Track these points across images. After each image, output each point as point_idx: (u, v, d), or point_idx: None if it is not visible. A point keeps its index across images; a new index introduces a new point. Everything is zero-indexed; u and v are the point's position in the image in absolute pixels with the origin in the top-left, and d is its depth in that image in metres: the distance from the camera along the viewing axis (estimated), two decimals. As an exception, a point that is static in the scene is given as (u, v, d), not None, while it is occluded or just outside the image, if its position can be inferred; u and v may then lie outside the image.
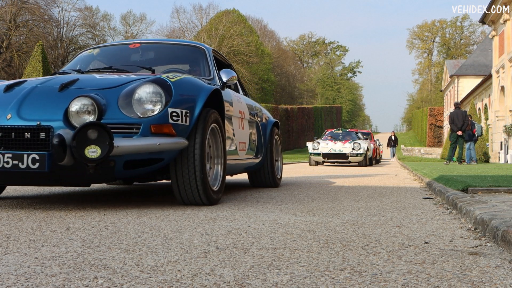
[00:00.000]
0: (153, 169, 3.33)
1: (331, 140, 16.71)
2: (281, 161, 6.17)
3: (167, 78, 3.34)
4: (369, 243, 2.15)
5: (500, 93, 23.05)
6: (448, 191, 4.13)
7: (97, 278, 1.52)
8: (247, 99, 5.30)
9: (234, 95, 4.65)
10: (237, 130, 4.54)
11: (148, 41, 4.80)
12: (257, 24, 59.32)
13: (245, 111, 4.89)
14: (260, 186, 5.64)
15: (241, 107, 4.76)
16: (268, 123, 5.75)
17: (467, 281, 1.51)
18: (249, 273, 1.60)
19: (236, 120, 4.54)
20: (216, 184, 3.75)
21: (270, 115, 6.07)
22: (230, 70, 4.39)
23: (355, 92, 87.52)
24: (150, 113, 3.16)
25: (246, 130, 4.86)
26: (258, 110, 5.48)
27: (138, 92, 3.19)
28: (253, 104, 5.44)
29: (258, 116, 5.44)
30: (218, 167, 3.85)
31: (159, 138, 3.15)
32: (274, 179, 5.62)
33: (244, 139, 4.75)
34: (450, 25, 73.77)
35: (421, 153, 36.35)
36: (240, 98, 4.85)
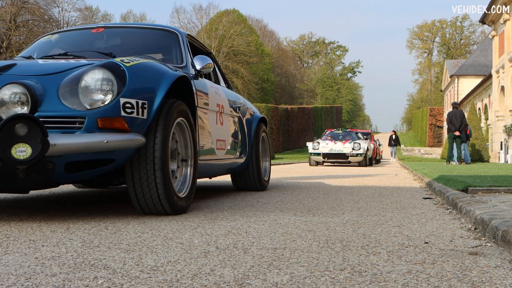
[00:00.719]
0: (103, 171, 2.82)
1: (331, 140, 16.71)
2: (269, 161, 5.63)
3: (121, 63, 2.83)
4: (369, 243, 2.15)
5: (500, 93, 23.05)
6: (448, 191, 4.13)
7: (97, 278, 1.52)
8: (228, 91, 4.74)
9: (211, 86, 4.06)
10: (215, 126, 3.97)
11: (114, 25, 4.24)
12: (257, 24, 59.33)
13: (225, 105, 4.31)
14: (244, 189, 5.14)
15: (220, 99, 4.18)
16: (253, 119, 5.19)
17: (467, 281, 1.51)
18: (249, 273, 1.60)
19: (213, 115, 3.96)
20: (184, 190, 3.21)
21: (256, 110, 5.52)
22: (205, 56, 3.79)
23: (355, 92, 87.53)
24: (99, 104, 2.65)
25: (226, 126, 4.30)
26: (241, 104, 4.92)
27: (85, 79, 2.66)
28: (236, 98, 4.89)
29: (242, 110, 4.90)
30: (187, 169, 3.30)
31: (107, 135, 2.64)
32: (261, 181, 5.10)
33: (223, 137, 4.20)
34: (450, 25, 73.79)
35: (421, 153, 36.35)
36: (218, 89, 4.27)
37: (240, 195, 4.62)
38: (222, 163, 4.27)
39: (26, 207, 3.44)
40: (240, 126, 4.82)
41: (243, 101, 5.15)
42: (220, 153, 4.13)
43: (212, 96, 3.94)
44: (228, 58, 44.31)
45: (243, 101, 5.15)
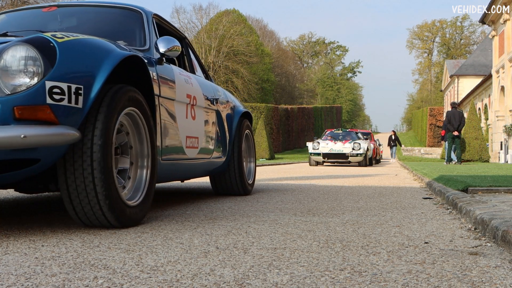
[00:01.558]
0: (26, 174, 2.30)
1: (331, 140, 16.71)
2: (254, 162, 5.06)
3: (52, 38, 2.32)
4: (369, 243, 2.15)
5: (500, 93, 23.05)
6: (448, 191, 4.13)
7: (97, 278, 1.52)
8: (204, 81, 4.16)
9: (180, 73, 3.51)
10: (184, 120, 3.43)
11: (69, 4, 3.76)
12: (257, 24, 59.34)
13: (198, 96, 3.74)
14: (225, 193, 4.56)
15: (192, 90, 3.61)
16: (235, 114, 4.63)
17: (467, 281, 1.51)
18: (249, 273, 1.60)
19: (182, 107, 3.41)
20: (137, 197, 2.66)
21: (239, 104, 4.94)
22: (170, 38, 3.26)
23: (355, 92, 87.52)
24: (23, 89, 2.17)
25: (199, 121, 3.74)
26: (219, 96, 4.34)
27: (5, 58, 2.19)
28: (214, 89, 4.29)
29: (221, 104, 4.32)
30: (143, 171, 2.74)
31: (26, 127, 2.14)
32: (243, 184, 4.52)
33: (195, 133, 3.64)
34: (450, 25, 73.79)
35: (421, 153, 36.36)
36: (190, 78, 3.69)
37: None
38: (195, 164, 3.72)
39: (26, 207, 3.44)
40: (219, 122, 4.24)
41: (223, 93, 4.57)
42: (191, 152, 3.58)
43: (180, 85, 3.40)
44: (228, 58, 44.31)
45: (223, 93, 4.57)
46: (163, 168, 3.14)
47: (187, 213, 3.18)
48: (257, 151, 25.23)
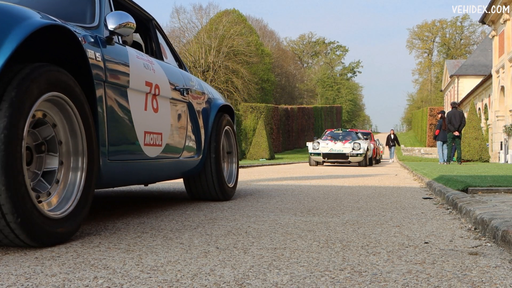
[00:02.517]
0: None
1: (331, 140, 16.72)
2: (236, 162, 4.47)
3: None
4: (369, 243, 2.15)
5: (500, 93, 23.05)
6: (448, 191, 4.13)
7: (97, 278, 1.52)
8: (172, 68, 3.61)
9: (138, 56, 2.98)
10: (142, 112, 2.91)
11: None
12: (257, 24, 59.35)
13: (163, 85, 3.21)
14: (201, 197, 4.02)
15: (154, 77, 3.09)
16: (211, 107, 4.05)
17: (467, 281, 1.51)
18: (249, 273, 1.60)
19: (139, 97, 2.89)
20: (66, 207, 2.16)
21: (218, 96, 4.36)
22: (123, 13, 2.76)
23: (355, 92, 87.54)
24: None
25: (163, 115, 3.22)
26: (192, 86, 3.79)
27: None
28: (185, 78, 3.73)
29: (194, 95, 3.78)
30: (76, 174, 2.25)
31: None
32: (222, 188, 3.95)
33: (157, 128, 3.12)
34: (450, 25, 73.80)
35: (421, 153, 36.37)
36: (153, 64, 3.17)
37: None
38: (158, 164, 3.20)
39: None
40: (192, 116, 3.71)
41: (198, 83, 4.00)
42: (151, 151, 3.04)
43: (137, 70, 2.87)
44: (228, 58, 44.32)
45: (198, 83, 4.00)
46: (111, 170, 2.60)
47: (187, 213, 3.18)
48: (257, 151, 25.22)
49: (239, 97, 43.83)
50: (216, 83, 44.70)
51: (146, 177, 3.26)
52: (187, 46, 45.50)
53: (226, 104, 4.30)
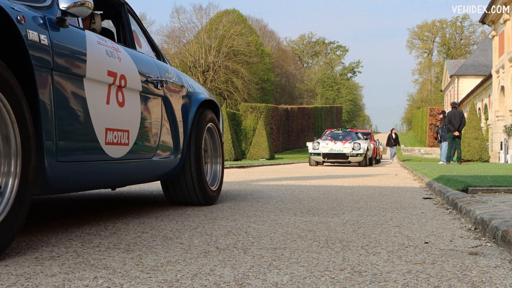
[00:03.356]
0: None
1: (331, 140, 16.72)
2: (221, 163, 4.05)
3: None
4: (369, 243, 2.15)
5: (500, 93, 23.06)
6: (448, 191, 4.13)
7: (97, 278, 1.52)
8: (145, 58, 3.22)
9: (100, 42, 2.61)
10: (102, 106, 2.54)
11: None
12: (257, 24, 59.36)
13: (131, 76, 2.83)
14: (180, 202, 3.66)
15: (119, 66, 2.71)
16: (192, 102, 3.63)
17: (467, 281, 1.51)
18: (249, 273, 1.60)
19: (99, 88, 2.53)
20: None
21: (202, 90, 3.97)
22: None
23: (355, 92, 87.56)
24: None
25: (131, 109, 2.83)
26: (169, 78, 3.40)
27: None
28: (161, 69, 3.34)
29: (171, 88, 3.40)
30: (8, 179, 1.88)
31: None
32: (204, 192, 3.58)
33: (123, 124, 2.74)
34: (450, 25, 73.81)
35: (421, 153, 36.38)
36: (118, 51, 2.79)
37: (234, 195, 4.60)
38: (124, 166, 2.83)
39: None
40: (168, 111, 3.34)
41: (176, 75, 3.60)
42: (115, 150, 2.67)
43: (97, 57, 2.52)
44: (228, 58, 44.33)
45: (176, 75, 3.60)
46: (61, 173, 2.24)
47: (187, 213, 3.18)
48: (257, 151, 25.22)
49: (239, 97, 43.84)
50: (216, 83, 44.70)
51: (109, 181, 2.84)
52: (187, 46, 45.50)
53: (209, 98, 3.88)
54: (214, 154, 4.03)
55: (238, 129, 27.99)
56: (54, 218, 2.90)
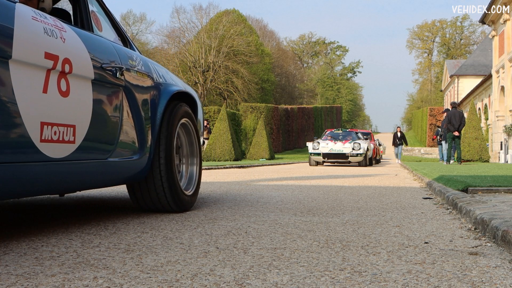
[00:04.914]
0: None
1: (331, 140, 16.72)
2: (198, 164, 3.58)
3: None
4: (369, 243, 2.15)
5: (500, 93, 23.06)
6: (448, 191, 4.13)
7: (97, 278, 1.52)
8: (101, 41, 2.76)
9: (35, 17, 2.20)
10: (36, 95, 2.13)
11: None
12: (257, 24, 59.39)
13: (79, 60, 2.38)
14: (149, 208, 3.21)
15: (62, 48, 2.27)
16: (161, 94, 3.17)
17: (467, 281, 1.51)
18: (249, 273, 1.60)
19: (33, 73, 2.13)
20: None
21: (176, 80, 3.50)
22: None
23: (355, 92, 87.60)
24: None
25: (77, 100, 2.37)
26: (132, 66, 2.93)
27: None
28: (122, 54, 2.87)
29: (135, 77, 2.92)
30: None
31: None
32: (176, 196, 3.13)
33: (66, 118, 2.29)
34: (450, 25, 73.83)
35: (421, 153, 36.39)
36: (64, 31, 2.35)
37: (234, 194, 4.59)
38: (70, 168, 2.39)
39: (26, 208, 3.44)
40: (131, 104, 2.88)
41: (143, 63, 3.12)
42: (55, 150, 2.24)
43: (29, 36, 2.11)
44: (228, 58, 44.33)
45: (143, 63, 3.12)
46: None
47: (187, 213, 3.18)
48: (257, 151, 25.22)
49: (239, 97, 43.85)
50: (216, 83, 44.70)
51: (48, 185, 2.34)
52: (187, 46, 45.52)
53: (182, 91, 3.40)
54: (190, 154, 3.57)
55: (238, 129, 28.00)
56: (54, 218, 2.90)
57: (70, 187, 2.57)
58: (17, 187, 2.14)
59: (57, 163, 2.27)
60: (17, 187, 2.14)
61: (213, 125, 24.75)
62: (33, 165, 2.14)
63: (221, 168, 13.14)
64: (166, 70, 3.47)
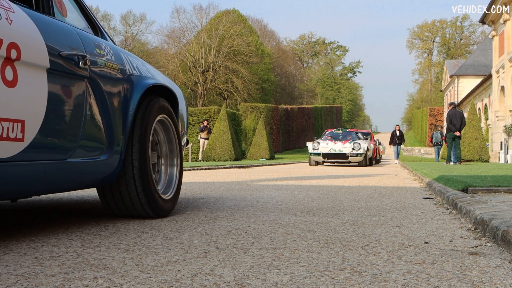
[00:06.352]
0: None
1: (331, 140, 16.72)
2: (178, 165, 3.27)
3: None
4: (369, 243, 2.15)
5: (500, 93, 23.06)
6: (448, 191, 4.13)
7: (97, 278, 1.52)
8: (60, 25, 2.40)
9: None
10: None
11: None
12: (257, 24, 59.41)
13: (29, 46, 2.08)
14: (122, 213, 2.92)
15: (7, 31, 1.98)
16: (134, 88, 2.84)
17: (467, 281, 1.51)
18: (249, 273, 1.60)
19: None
20: None
21: (154, 73, 3.20)
22: None
23: (355, 92, 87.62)
24: None
25: (28, 91, 2.06)
26: (100, 56, 2.60)
27: None
28: (87, 41, 2.53)
29: (102, 68, 2.59)
30: None
31: None
32: (152, 201, 2.82)
33: (13, 112, 2.00)
34: (450, 25, 73.85)
35: (421, 153, 36.40)
36: (11, 11, 2.07)
37: (236, 192, 4.59)
38: (18, 170, 2.07)
39: (26, 208, 3.44)
40: (97, 98, 2.55)
41: (114, 53, 2.79)
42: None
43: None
44: (228, 58, 44.34)
45: (114, 53, 2.79)
46: None
47: (187, 213, 3.18)
48: (257, 151, 25.23)
49: (239, 97, 43.86)
50: (216, 83, 44.70)
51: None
52: (187, 46, 45.53)
53: (159, 84, 3.09)
54: (170, 153, 3.25)
55: (238, 129, 27.99)
56: (54, 218, 2.90)
57: (19, 192, 2.20)
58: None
59: (1, 164, 1.95)
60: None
61: (213, 125, 24.75)
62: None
63: (221, 168, 13.14)
64: (142, 62, 3.16)
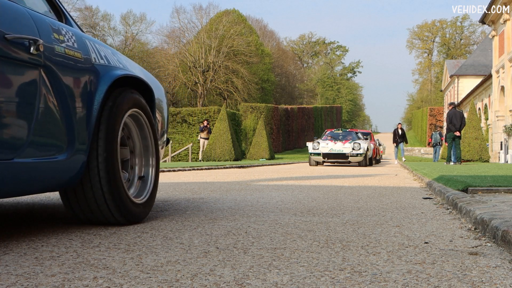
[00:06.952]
0: None
1: (331, 140, 16.72)
2: (154, 166, 2.97)
3: None
4: (369, 243, 2.15)
5: (500, 93, 23.06)
6: (448, 191, 4.13)
7: (97, 278, 1.52)
8: (9, 5, 2.08)
9: None
10: None
11: None
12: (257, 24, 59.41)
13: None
14: (88, 219, 2.59)
15: None
16: (100, 79, 2.51)
17: (467, 281, 1.51)
18: (249, 273, 1.60)
19: None
20: None
21: (125, 64, 2.84)
22: None
23: (355, 92, 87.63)
24: None
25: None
26: (57, 42, 2.27)
27: None
28: (42, 24, 2.22)
29: (61, 55, 2.26)
30: None
31: None
32: (122, 206, 2.53)
33: None
34: (450, 25, 73.85)
35: (421, 153, 36.40)
36: None
37: (235, 192, 4.59)
38: None
39: (25, 208, 3.44)
40: (55, 90, 2.22)
41: (77, 39, 2.46)
42: None
43: None
44: (228, 58, 44.33)
45: (77, 39, 2.46)
46: None
47: (187, 213, 3.18)
48: (257, 151, 25.22)
49: (239, 97, 43.86)
50: (216, 83, 44.70)
51: None
52: (187, 46, 45.53)
53: (130, 75, 2.76)
54: (144, 152, 2.95)
55: (238, 129, 28.00)
56: (54, 218, 2.90)
57: None
58: None
59: None
60: None
61: (213, 125, 24.75)
62: None
63: (221, 168, 13.14)
64: (113, 50, 2.83)
